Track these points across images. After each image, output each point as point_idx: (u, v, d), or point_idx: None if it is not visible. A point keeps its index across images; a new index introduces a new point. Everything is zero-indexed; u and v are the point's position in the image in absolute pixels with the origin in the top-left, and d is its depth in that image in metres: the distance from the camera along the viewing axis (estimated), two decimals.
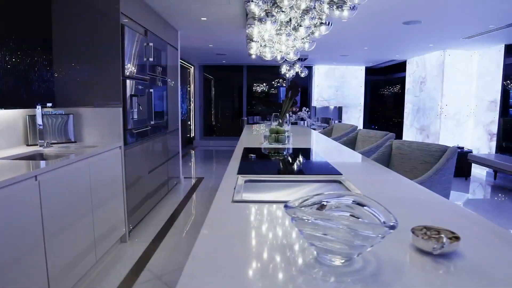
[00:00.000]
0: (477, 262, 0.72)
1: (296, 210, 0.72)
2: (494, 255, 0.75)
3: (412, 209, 1.10)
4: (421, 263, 0.71)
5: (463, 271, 0.68)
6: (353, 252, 0.69)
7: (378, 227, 0.67)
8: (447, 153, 2.08)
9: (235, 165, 1.71)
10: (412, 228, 0.83)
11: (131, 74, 2.75)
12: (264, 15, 2.35)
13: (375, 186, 1.37)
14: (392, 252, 0.77)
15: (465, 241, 0.81)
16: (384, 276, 0.66)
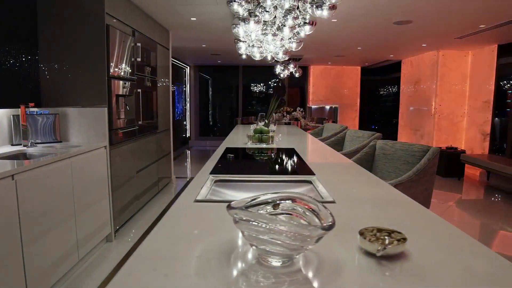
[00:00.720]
0: (421, 264, 0.71)
1: (237, 211, 0.71)
2: (440, 259, 0.74)
3: (375, 209, 1.09)
4: (363, 265, 0.71)
5: (402, 273, 0.68)
6: (291, 253, 0.69)
7: (314, 229, 0.67)
8: (429, 153, 2.07)
9: (210, 165, 1.71)
10: (361, 229, 0.82)
11: (117, 74, 2.76)
12: (247, 15, 2.35)
13: (345, 187, 1.36)
14: (339, 254, 0.76)
15: (416, 243, 0.81)
16: (320, 277, 0.66)
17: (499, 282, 0.65)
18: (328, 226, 0.66)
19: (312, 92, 7.82)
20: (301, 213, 0.78)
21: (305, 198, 0.78)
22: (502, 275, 0.67)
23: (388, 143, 2.34)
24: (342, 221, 0.98)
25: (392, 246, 0.73)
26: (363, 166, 2.40)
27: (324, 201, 1.14)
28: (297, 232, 0.65)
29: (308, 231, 0.66)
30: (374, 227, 0.84)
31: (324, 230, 0.66)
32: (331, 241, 0.84)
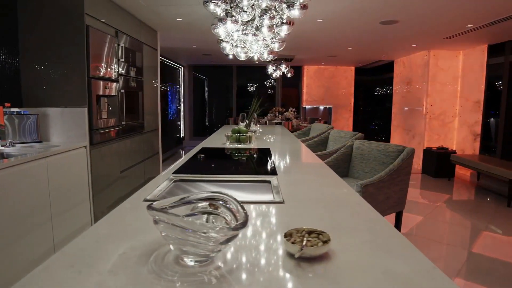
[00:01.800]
0: (339, 267, 0.70)
1: (155, 212, 0.71)
2: (363, 262, 0.73)
3: (322, 210, 1.09)
4: (281, 266, 0.70)
5: (315, 276, 0.67)
6: (207, 253, 0.69)
7: (223, 230, 0.66)
8: (403, 153, 2.06)
9: (178, 165, 1.72)
10: (291, 230, 0.82)
11: (98, 74, 2.77)
12: (224, 15, 2.35)
13: (302, 187, 1.36)
14: (263, 254, 0.76)
15: (347, 245, 0.81)
16: (229, 277, 0.66)
17: (413, 286, 0.64)
18: (234, 227, 0.66)
19: (306, 93, 7.81)
20: (223, 213, 0.78)
21: (225, 199, 0.78)
22: (419, 279, 0.66)
23: (365, 143, 2.33)
24: (282, 221, 0.98)
25: (313, 248, 0.73)
26: (340, 166, 2.40)
27: (272, 201, 1.13)
28: (201, 232, 0.65)
29: (216, 232, 0.66)
30: (305, 228, 0.83)
31: (232, 230, 0.66)
32: (260, 241, 0.84)
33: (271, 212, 1.05)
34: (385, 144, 2.24)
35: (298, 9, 1.98)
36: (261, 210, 1.06)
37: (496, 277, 2.32)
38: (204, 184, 1.42)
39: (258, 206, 1.11)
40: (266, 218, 1.01)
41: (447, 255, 2.64)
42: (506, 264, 2.49)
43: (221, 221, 0.78)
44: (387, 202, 1.97)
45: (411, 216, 3.50)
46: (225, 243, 0.68)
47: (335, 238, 0.85)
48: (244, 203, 1.13)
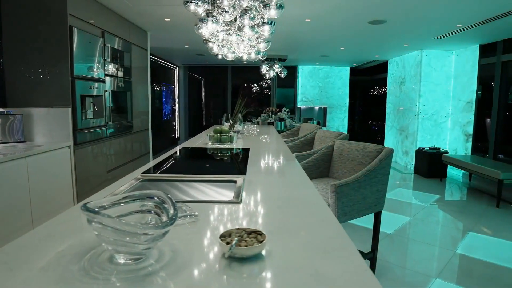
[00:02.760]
0: (269, 267, 0.71)
1: (87, 212, 0.71)
2: (296, 263, 0.73)
3: (275, 210, 1.09)
4: (211, 266, 0.70)
5: (242, 276, 0.67)
6: (135, 251, 0.69)
7: (147, 228, 0.67)
8: (382, 154, 2.05)
9: (150, 165, 1.72)
10: (230, 230, 0.82)
11: (82, 75, 2.78)
12: (205, 16, 2.35)
13: (265, 188, 1.36)
14: (199, 254, 0.76)
15: (286, 245, 0.81)
16: (153, 276, 0.66)
17: None
18: (157, 226, 0.66)
19: (301, 93, 7.80)
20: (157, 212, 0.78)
21: (163, 198, 0.78)
22: (346, 281, 0.66)
23: (345, 143, 2.33)
24: (232, 221, 0.98)
25: (245, 248, 0.73)
26: (321, 166, 2.39)
27: (229, 201, 1.14)
28: (129, 231, 0.65)
29: (141, 230, 0.66)
30: (246, 228, 0.83)
31: (155, 229, 0.67)
32: (202, 240, 0.84)
33: (224, 211, 1.05)
34: (364, 144, 2.24)
35: (274, 9, 1.98)
36: (214, 210, 1.07)
37: (476, 278, 2.31)
38: (169, 184, 1.43)
39: (213, 205, 1.11)
40: (217, 217, 1.01)
41: (430, 256, 2.63)
42: (488, 264, 2.48)
43: (159, 220, 0.78)
44: (364, 203, 1.96)
45: (398, 217, 3.49)
46: (152, 242, 0.68)
47: (280, 238, 0.85)
48: (200, 203, 1.14)
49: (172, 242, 0.84)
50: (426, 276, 2.30)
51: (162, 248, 0.78)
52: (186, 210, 1.03)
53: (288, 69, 7.81)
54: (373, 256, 2.15)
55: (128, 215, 0.82)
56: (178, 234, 0.88)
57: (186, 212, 1.01)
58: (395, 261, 2.51)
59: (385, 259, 2.52)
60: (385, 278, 2.25)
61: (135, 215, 0.82)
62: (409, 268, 2.41)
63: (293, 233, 0.89)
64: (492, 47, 4.79)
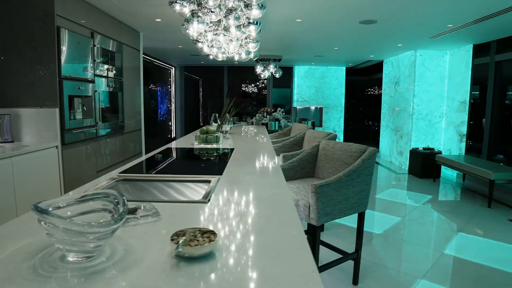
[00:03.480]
0: (218, 267, 0.71)
1: (36, 212, 0.72)
2: (242, 264, 0.73)
3: (240, 211, 1.09)
4: (160, 265, 0.71)
5: (188, 274, 0.68)
6: (88, 249, 0.70)
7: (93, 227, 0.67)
8: (365, 154, 2.05)
9: (130, 164, 1.73)
10: (185, 229, 0.82)
11: (70, 75, 2.79)
12: (190, 16, 2.36)
13: (239, 187, 1.36)
14: (151, 253, 0.77)
15: (241, 246, 0.81)
16: (106, 273, 0.67)
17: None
18: (100, 225, 0.67)
19: (297, 93, 7.80)
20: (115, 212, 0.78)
21: (118, 198, 0.79)
22: (288, 282, 0.66)
23: (330, 143, 2.33)
24: (193, 220, 0.98)
25: (193, 248, 0.73)
26: (306, 167, 2.39)
27: (196, 201, 1.14)
28: (75, 230, 0.66)
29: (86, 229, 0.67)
30: (200, 228, 0.84)
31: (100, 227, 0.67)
32: (158, 240, 0.84)
33: (189, 211, 1.06)
34: (349, 144, 2.23)
35: (256, 8, 1.99)
36: (180, 210, 1.07)
37: (462, 279, 2.30)
38: (145, 183, 1.43)
39: (180, 205, 1.12)
40: (180, 217, 1.02)
41: (417, 256, 2.63)
42: (476, 265, 2.47)
43: None
44: (346, 203, 1.96)
45: (389, 217, 3.49)
46: (100, 240, 0.69)
47: (237, 238, 0.86)
48: (167, 203, 1.14)
49: (129, 241, 0.84)
50: (411, 276, 2.30)
51: (116, 247, 0.79)
52: (150, 209, 1.03)
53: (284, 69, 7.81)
54: (356, 256, 2.14)
55: (87, 214, 0.83)
56: (136, 233, 0.88)
57: (150, 211, 1.02)
58: (381, 261, 2.50)
59: (371, 260, 2.51)
60: (369, 278, 2.25)
61: (93, 214, 0.83)
62: (395, 269, 2.40)
63: (252, 233, 0.90)
64: (485, 47, 4.78)
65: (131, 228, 0.92)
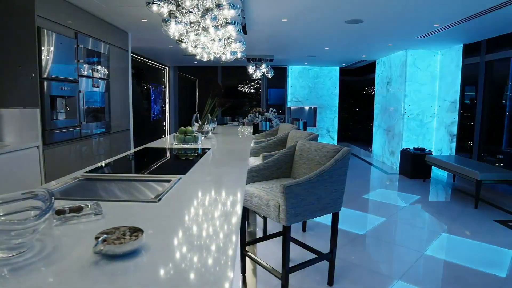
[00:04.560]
0: (136, 265, 0.71)
1: None
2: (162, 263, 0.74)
3: (186, 211, 1.09)
4: (80, 262, 0.71)
5: (109, 271, 0.68)
6: (11, 247, 0.71)
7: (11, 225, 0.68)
8: (338, 154, 2.05)
9: (100, 164, 1.73)
10: (117, 227, 0.83)
11: (52, 76, 2.80)
12: (167, 16, 2.36)
13: (196, 187, 1.37)
14: (77, 251, 0.77)
15: (167, 245, 0.81)
16: (23, 269, 0.67)
17: None
18: (19, 222, 0.67)
19: (291, 93, 7.80)
20: None
21: (46, 196, 0.79)
22: (201, 275, 0.67)
23: (306, 143, 2.32)
24: (134, 219, 0.99)
25: (114, 246, 0.73)
26: (282, 167, 2.39)
27: (146, 200, 1.14)
28: None
29: (9, 226, 0.67)
30: (131, 226, 0.84)
31: (19, 224, 0.68)
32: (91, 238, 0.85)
33: (136, 210, 1.06)
34: (324, 144, 2.23)
35: (227, 9, 1.99)
36: (127, 209, 1.07)
37: (439, 280, 2.29)
38: (106, 183, 1.44)
39: (129, 204, 1.12)
40: (124, 216, 1.02)
41: (397, 257, 2.62)
42: (455, 266, 2.46)
43: None
44: (318, 203, 1.96)
45: (373, 218, 3.48)
46: (24, 237, 0.70)
47: (171, 237, 0.86)
48: (117, 202, 1.15)
49: (62, 238, 0.86)
50: (388, 277, 2.29)
51: (47, 244, 0.80)
52: (95, 208, 1.04)
53: (277, 69, 7.81)
54: (331, 256, 2.14)
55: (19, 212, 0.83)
56: (73, 231, 0.90)
57: (94, 210, 1.02)
58: (359, 262, 2.49)
59: (350, 260, 2.51)
60: (344, 279, 2.24)
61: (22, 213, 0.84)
62: (372, 269, 2.39)
63: (186, 232, 0.90)
64: (476, 46, 4.76)
65: (71, 226, 0.93)
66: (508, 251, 2.71)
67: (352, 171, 5.82)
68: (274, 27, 4.12)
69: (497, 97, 4.77)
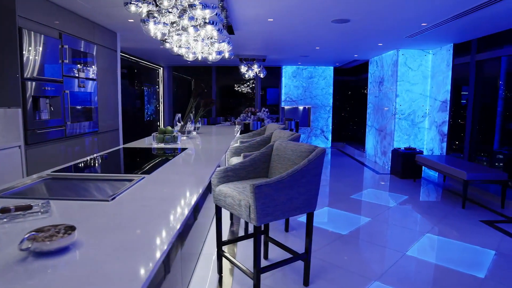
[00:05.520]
0: (67, 262, 0.72)
1: None
2: (89, 262, 0.74)
3: (137, 210, 1.10)
4: (5, 260, 0.72)
5: (19, 267, 0.68)
6: None
7: None
8: (312, 154, 2.04)
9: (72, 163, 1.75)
10: (53, 225, 0.83)
11: (35, 76, 2.81)
12: (145, 16, 2.37)
13: (158, 187, 1.37)
14: (8, 248, 0.78)
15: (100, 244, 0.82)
16: None
17: None
18: None
19: (285, 93, 7.79)
20: None
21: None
22: (121, 275, 0.67)
23: (283, 143, 2.32)
24: (80, 218, 0.99)
25: (42, 243, 0.74)
26: (259, 167, 2.39)
27: (98, 199, 1.15)
28: None
29: None
30: (66, 225, 0.85)
31: None
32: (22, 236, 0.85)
33: (86, 209, 1.07)
34: (299, 144, 2.23)
35: (200, 9, 1.99)
36: (77, 207, 1.08)
37: (417, 281, 2.28)
38: (71, 182, 1.45)
39: (80, 203, 1.13)
40: (69, 215, 1.02)
41: (378, 258, 2.61)
42: (435, 267, 2.45)
43: None
44: (290, 203, 1.96)
45: (359, 218, 3.47)
46: None
47: (106, 236, 0.86)
48: (68, 200, 1.15)
49: (2, 236, 0.86)
50: (366, 278, 2.28)
51: None
52: (44, 207, 1.04)
53: (272, 69, 7.81)
54: (306, 257, 2.14)
55: None
56: (15, 229, 0.91)
57: (42, 209, 1.03)
58: (339, 262, 2.49)
59: (329, 261, 2.50)
60: (321, 279, 2.24)
61: None
62: (351, 270, 2.39)
63: (124, 231, 0.90)
64: (466, 46, 4.73)
65: (14, 225, 0.94)
66: (490, 252, 2.69)
67: (343, 171, 5.81)
68: (261, 27, 4.12)
69: (488, 97, 4.75)
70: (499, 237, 2.97)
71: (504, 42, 4.27)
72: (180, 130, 2.87)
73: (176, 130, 2.87)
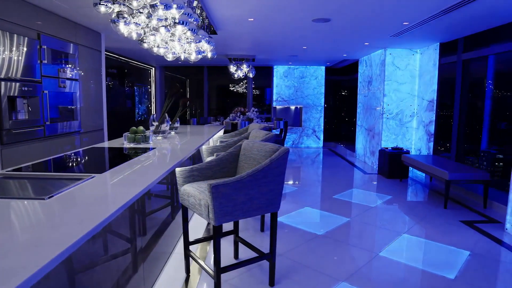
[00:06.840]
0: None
1: None
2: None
3: (75, 209, 1.10)
4: None
5: None
6: None
7: None
8: (275, 154, 2.04)
9: (32, 163, 1.76)
10: None
11: (11, 76, 2.84)
12: (115, 17, 2.38)
13: (106, 186, 1.38)
14: None
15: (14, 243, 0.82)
16: None
17: None
18: None
19: (276, 93, 7.79)
20: None
21: None
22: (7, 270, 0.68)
23: (250, 143, 2.33)
24: (10, 216, 1.00)
25: None
26: (226, 166, 2.39)
27: (33, 198, 1.16)
28: None
29: None
30: None
31: None
32: None
33: (16, 207, 1.08)
34: (265, 144, 2.23)
35: (161, 9, 2.00)
36: (7, 206, 1.09)
37: (383, 281, 2.27)
38: (23, 181, 1.46)
39: (14, 201, 1.14)
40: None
41: (349, 258, 2.60)
42: (404, 267, 2.44)
43: None
44: (251, 203, 1.95)
45: (337, 218, 3.46)
46: None
47: (23, 236, 0.87)
48: (5, 198, 1.16)
49: None
50: (334, 278, 2.28)
51: None
52: None
53: (263, 69, 7.81)
54: (271, 257, 2.14)
55: None
56: None
57: None
58: (309, 263, 2.48)
59: (299, 261, 2.50)
60: (287, 280, 2.23)
61: None
62: (319, 270, 2.38)
63: (46, 230, 0.91)
64: (452, 45, 4.70)
65: None
66: (465, 252, 2.68)
67: (330, 171, 5.80)
68: (243, 27, 4.12)
69: (475, 97, 4.71)
70: (476, 238, 2.95)
71: (491, 40, 4.24)
72: (155, 130, 2.88)
73: (151, 130, 2.89)
